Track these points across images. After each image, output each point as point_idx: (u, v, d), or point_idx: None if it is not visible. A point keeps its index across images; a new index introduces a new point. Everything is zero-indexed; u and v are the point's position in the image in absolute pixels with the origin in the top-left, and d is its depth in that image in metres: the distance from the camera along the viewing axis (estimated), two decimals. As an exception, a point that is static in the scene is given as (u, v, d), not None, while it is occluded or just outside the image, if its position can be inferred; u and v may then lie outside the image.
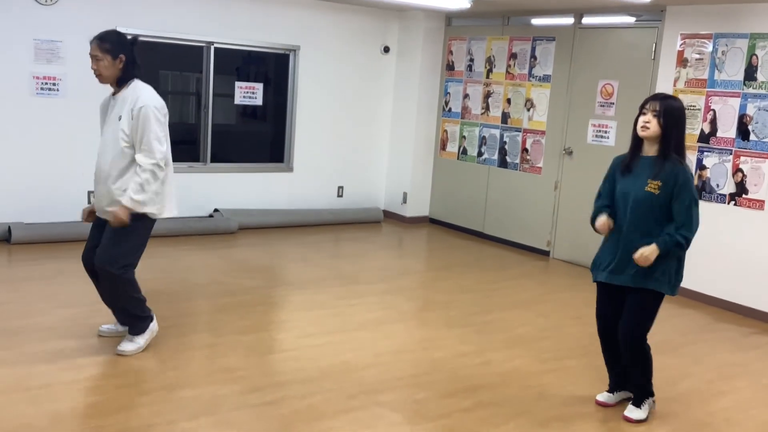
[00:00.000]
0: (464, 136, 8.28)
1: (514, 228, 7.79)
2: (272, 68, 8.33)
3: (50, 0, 6.48)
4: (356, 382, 3.98)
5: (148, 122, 3.87)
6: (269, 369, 4.12)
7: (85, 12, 6.63)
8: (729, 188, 5.94)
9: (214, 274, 5.97)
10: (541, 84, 7.46)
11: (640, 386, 3.77)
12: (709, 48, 6.05)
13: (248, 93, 7.82)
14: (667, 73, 6.33)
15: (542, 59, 7.44)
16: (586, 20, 7.07)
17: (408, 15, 8.45)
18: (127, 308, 4.13)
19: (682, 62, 6.22)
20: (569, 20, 7.18)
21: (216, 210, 7.63)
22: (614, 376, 3.93)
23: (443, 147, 8.56)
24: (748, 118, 5.83)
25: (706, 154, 6.10)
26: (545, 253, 7.49)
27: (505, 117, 7.83)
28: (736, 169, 5.90)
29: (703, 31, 6.10)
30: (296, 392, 3.80)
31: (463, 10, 7.59)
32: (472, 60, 8.16)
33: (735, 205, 5.92)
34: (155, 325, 4.27)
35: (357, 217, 8.45)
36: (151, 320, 4.23)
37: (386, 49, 8.56)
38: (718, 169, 6.02)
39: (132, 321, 4.16)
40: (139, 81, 4.02)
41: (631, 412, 3.75)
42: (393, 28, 8.57)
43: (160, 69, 7.78)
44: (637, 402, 3.77)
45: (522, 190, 7.68)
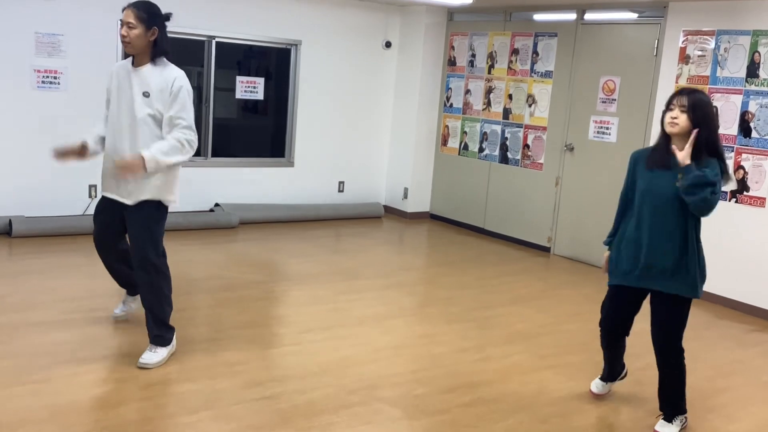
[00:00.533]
0: (465, 132, 8.27)
1: (515, 224, 7.78)
2: (273, 63, 8.31)
3: (51, -7, 6.48)
4: (356, 378, 3.99)
5: (188, 103, 3.78)
6: (269, 364, 4.12)
7: (86, 5, 6.62)
8: (730, 185, 5.93)
9: (214, 269, 5.97)
10: (542, 80, 7.44)
11: (673, 404, 3.63)
12: (712, 45, 6.04)
13: (249, 87, 7.81)
14: (669, 69, 6.31)
15: (544, 55, 7.42)
16: (589, 16, 7.05)
17: (410, 10, 8.43)
18: (159, 314, 3.97)
19: (685, 59, 6.21)
20: (571, 16, 7.16)
21: (217, 204, 7.63)
22: (609, 368, 3.91)
23: (444, 142, 8.55)
24: (749, 116, 5.82)
25: (707, 151, 6.09)
26: (546, 250, 7.49)
27: (506, 113, 7.81)
28: (738, 167, 5.89)
29: (705, 28, 6.09)
30: (296, 387, 3.81)
31: (465, 5, 7.58)
32: (473, 55, 8.15)
33: (736, 202, 5.91)
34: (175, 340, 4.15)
35: (358, 212, 8.44)
36: (174, 332, 4.11)
37: (388, 44, 8.54)
38: (719, 166, 6.01)
39: (159, 330, 3.99)
40: (167, 60, 3.87)
41: (663, 427, 3.61)
42: (394, 23, 8.56)
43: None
44: (669, 417, 3.63)
45: (523, 186, 7.67)
